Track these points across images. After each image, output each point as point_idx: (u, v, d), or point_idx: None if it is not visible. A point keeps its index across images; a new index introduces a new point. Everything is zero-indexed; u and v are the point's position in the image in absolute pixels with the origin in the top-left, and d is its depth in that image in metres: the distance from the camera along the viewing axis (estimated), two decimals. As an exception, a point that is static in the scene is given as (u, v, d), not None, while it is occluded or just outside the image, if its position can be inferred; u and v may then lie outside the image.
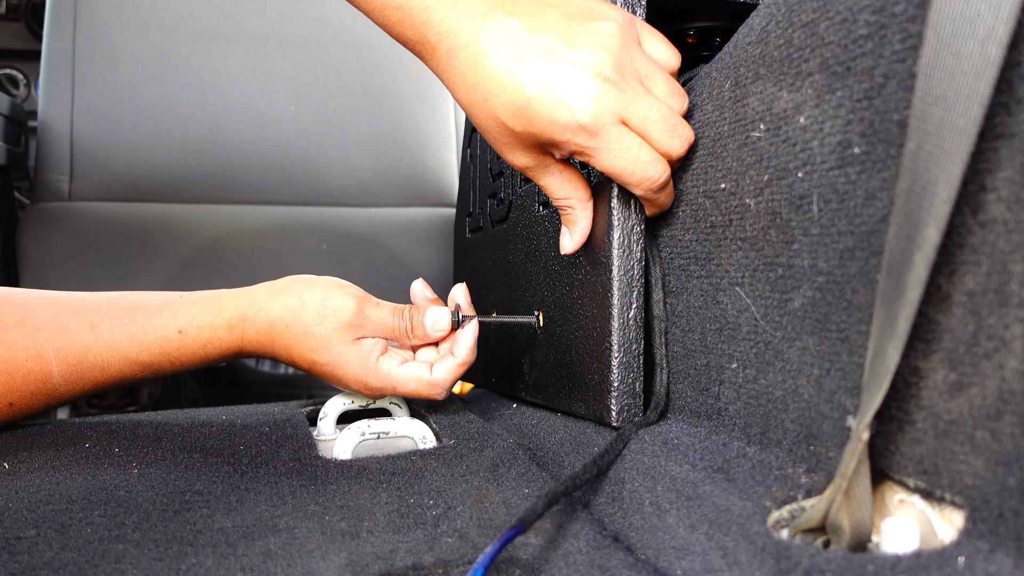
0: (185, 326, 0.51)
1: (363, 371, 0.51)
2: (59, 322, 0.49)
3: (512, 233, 0.61)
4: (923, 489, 0.28)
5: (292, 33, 1.12)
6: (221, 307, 0.52)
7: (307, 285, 0.52)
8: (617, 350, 0.45)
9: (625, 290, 0.44)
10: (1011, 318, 0.24)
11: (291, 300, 0.51)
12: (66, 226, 0.98)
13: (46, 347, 0.49)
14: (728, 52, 0.41)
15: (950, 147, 0.24)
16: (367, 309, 0.51)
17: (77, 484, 0.40)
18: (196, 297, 0.52)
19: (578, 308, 0.49)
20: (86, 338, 0.49)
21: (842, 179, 0.31)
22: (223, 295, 0.53)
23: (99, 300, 0.51)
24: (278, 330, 0.51)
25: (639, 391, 0.45)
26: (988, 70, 0.23)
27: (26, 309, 0.49)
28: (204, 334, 0.51)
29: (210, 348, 0.51)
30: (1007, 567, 0.23)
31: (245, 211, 1.06)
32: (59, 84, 1.03)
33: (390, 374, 0.51)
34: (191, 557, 0.32)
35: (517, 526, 0.31)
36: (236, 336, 0.51)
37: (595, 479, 0.40)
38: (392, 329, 0.52)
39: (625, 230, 0.44)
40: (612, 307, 0.44)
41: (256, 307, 0.51)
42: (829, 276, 0.32)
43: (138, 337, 0.50)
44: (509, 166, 0.61)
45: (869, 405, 0.27)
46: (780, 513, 0.31)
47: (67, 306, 0.50)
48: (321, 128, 1.11)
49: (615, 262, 0.44)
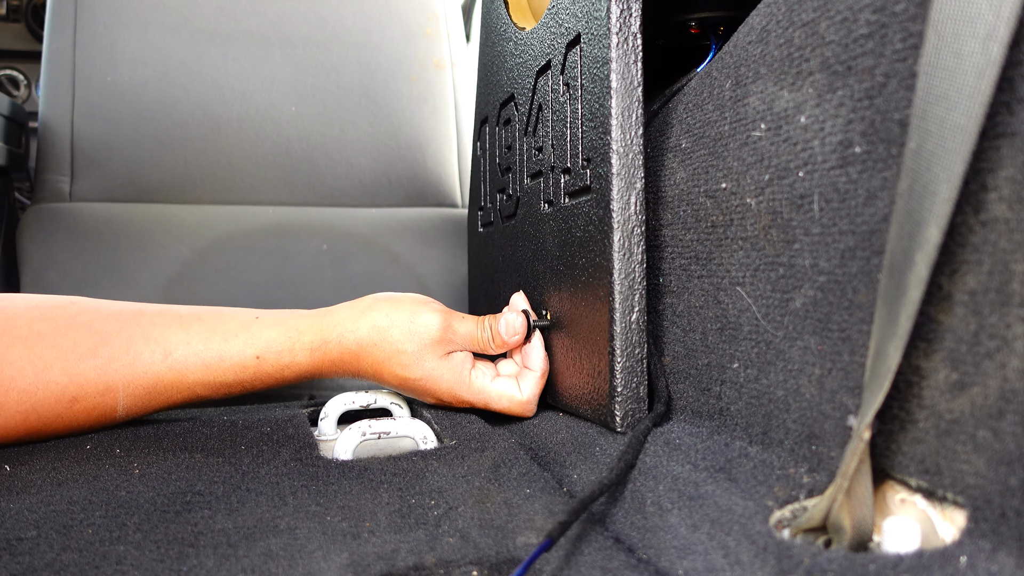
0: (263, 352, 0.49)
1: (457, 385, 0.52)
2: (132, 351, 0.47)
3: (520, 230, 0.61)
4: (925, 488, 0.28)
5: (292, 33, 1.12)
6: (301, 330, 0.50)
7: (392, 304, 0.52)
8: (620, 355, 0.44)
9: (627, 293, 0.44)
10: (1013, 317, 0.24)
11: (379, 319, 0.51)
12: (67, 227, 0.98)
13: (116, 380, 0.46)
14: (728, 51, 0.41)
15: (951, 146, 0.24)
16: (454, 323, 0.52)
17: (78, 485, 0.40)
18: (274, 319, 0.51)
19: (582, 310, 0.49)
20: (159, 368, 0.47)
21: (843, 178, 0.31)
22: (300, 317, 0.51)
23: (172, 322, 0.49)
24: (366, 349, 0.50)
25: (643, 395, 0.45)
26: (989, 69, 0.23)
27: (99, 334, 0.46)
28: (283, 358, 0.50)
29: (287, 372, 0.50)
30: (1009, 567, 0.23)
31: (245, 211, 1.06)
32: (60, 85, 1.03)
33: (484, 389, 0.52)
34: (192, 558, 0.32)
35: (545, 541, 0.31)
36: (316, 359, 0.50)
37: (615, 487, 0.40)
38: (477, 341, 0.53)
39: (625, 232, 0.44)
40: (614, 311, 0.44)
41: (340, 328, 0.51)
42: (830, 276, 0.32)
43: (213, 364, 0.48)
44: (517, 161, 0.61)
45: (871, 404, 0.27)
46: (782, 513, 0.31)
47: (139, 330, 0.48)
48: (321, 128, 1.11)
49: (615, 265, 0.44)
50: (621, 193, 0.44)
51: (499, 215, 0.66)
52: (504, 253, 0.65)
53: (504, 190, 0.65)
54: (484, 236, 0.72)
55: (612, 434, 0.46)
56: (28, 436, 0.46)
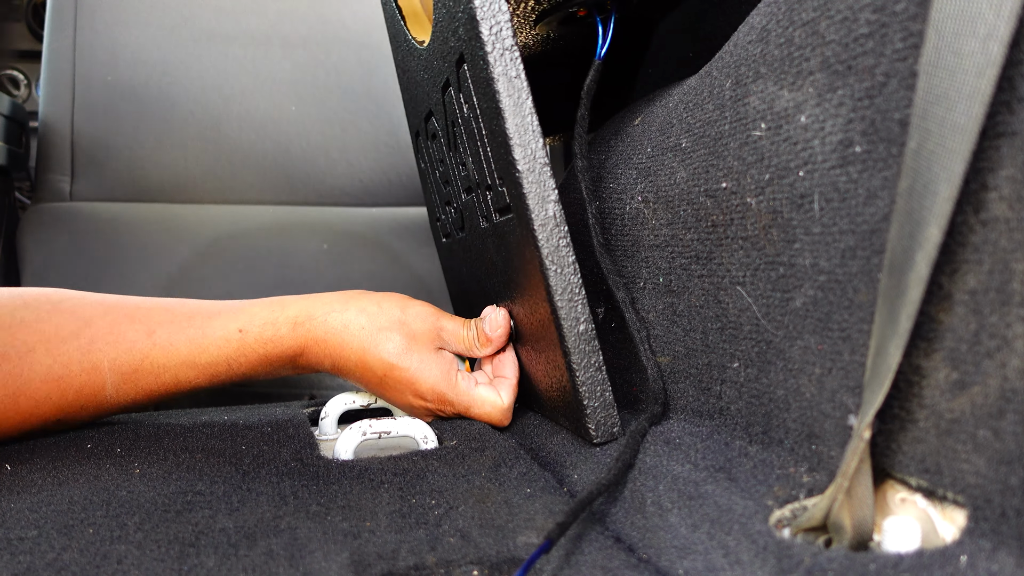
0: (246, 324, 0.49)
1: (444, 383, 0.50)
2: (116, 331, 0.47)
3: (472, 243, 0.58)
4: (925, 488, 0.28)
5: (292, 33, 1.12)
6: (285, 305, 0.50)
7: (382, 295, 0.51)
8: (579, 369, 0.43)
9: (568, 308, 0.43)
10: (1013, 316, 0.24)
11: (368, 305, 0.50)
12: (67, 226, 0.98)
13: (101, 358, 0.47)
14: (729, 51, 0.41)
15: (952, 146, 0.24)
16: (442, 320, 0.51)
17: (79, 484, 0.40)
18: (258, 300, 0.51)
19: (535, 325, 0.48)
20: (143, 345, 0.47)
21: (843, 178, 0.31)
22: (286, 297, 0.51)
23: (156, 305, 0.49)
24: (351, 332, 0.49)
25: (611, 401, 0.44)
26: (989, 68, 0.23)
27: (82, 318, 0.47)
28: (266, 332, 0.49)
29: (271, 347, 0.49)
30: (1009, 566, 0.23)
31: (245, 211, 1.06)
32: (60, 84, 1.03)
33: (469, 393, 0.51)
34: (193, 557, 0.32)
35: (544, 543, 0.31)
36: (300, 336, 0.49)
37: (612, 488, 0.40)
38: (463, 339, 0.52)
39: (550, 248, 0.42)
40: (561, 328, 0.43)
41: (327, 308, 0.50)
42: (831, 275, 0.32)
43: (196, 339, 0.48)
44: (452, 175, 0.57)
45: (871, 404, 0.27)
46: (782, 512, 0.31)
47: (124, 312, 0.48)
48: (321, 128, 1.11)
49: (551, 283, 0.42)
50: (537, 212, 0.42)
51: (453, 227, 0.64)
52: (466, 265, 0.63)
53: (450, 203, 0.62)
54: (447, 246, 0.69)
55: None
56: (24, 422, 0.46)
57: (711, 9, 0.58)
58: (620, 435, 0.45)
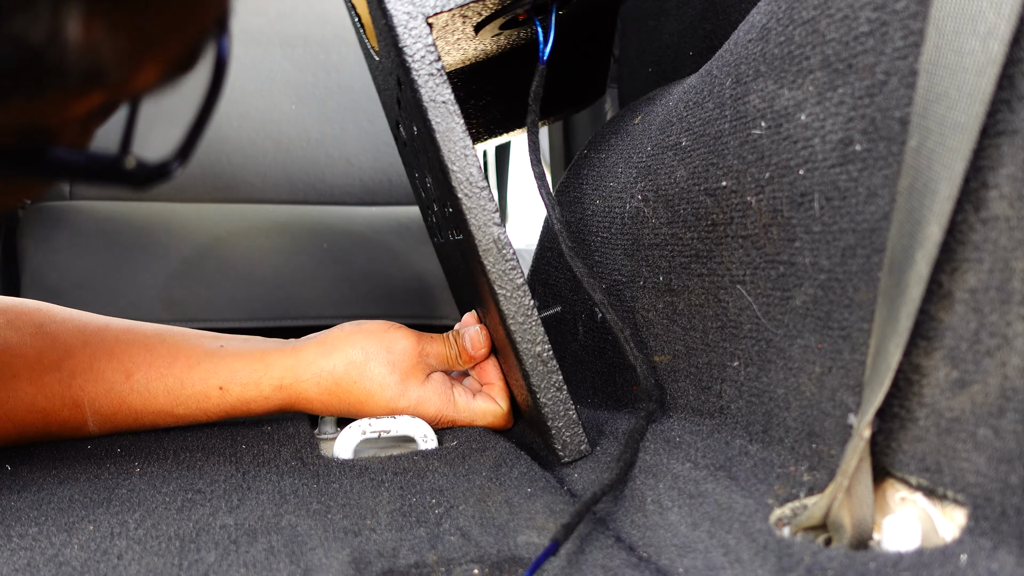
0: (227, 383, 0.48)
1: (445, 407, 0.51)
2: (95, 368, 0.47)
3: (452, 248, 0.57)
4: (925, 487, 0.28)
5: (292, 32, 1.12)
6: (268, 363, 0.49)
7: (364, 335, 0.50)
8: (539, 392, 0.43)
9: (523, 332, 0.43)
10: (1013, 315, 0.24)
11: (354, 354, 0.49)
12: (66, 225, 0.98)
13: (81, 396, 0.47)
14: (729, 49, 0.41)
15: (952, 144, 0.24)
16: (426, 346, 0.51)
17: (79, 483, 0.41)
18: (238, 349, 0.49)
19: (501, 343, 0.47)
20: (121, 388, 0.47)
21: (843, 177, 0.31)
22: (267, 350, 0.50)
23: (136, 340, 0.48)
24: (345, 388, 0.49)
25: (575, 419, 0.44)
26: (990, 67, 0.23)
27: (62, 347, 0.47)
28: (248, 392, 0.48)
29: (254, 406, 0.49)
30: (1009, 565, 0.23)
31: (245, 210, 1.06)
32: (59, 83, 1.03)
33: (469, 408, 0.52)
34: (193, 553, 0.32)
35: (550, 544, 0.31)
36: (287, 397, 0.49)
37: (617, 487, 0.40)
38: (446, 358, 0.52)
39: (498, 272, 0.42)
40: (519, 351, 0.43)
41: (313, 367, 0.49)
42: (831, 274, 0.32)
43: (174, 390, 0.48)
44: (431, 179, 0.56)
45: (871, 403, 0.27)
46: (782, 511, 0.31)
47: (103, 347, 0.48)
48: (322, 127, 1.11)
49: (502, 307, 0.42)
50: (480, 237, 0.42)
51: (437, 230, 0.63)
52: (453, 265, 0.62)
53: (430, 208, 0.61)
54: (439, 245, 0.68)
55: (611, 433, 0.46)
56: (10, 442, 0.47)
57: (711, 8, 0.58)
58: (588, 452, 0.45)
